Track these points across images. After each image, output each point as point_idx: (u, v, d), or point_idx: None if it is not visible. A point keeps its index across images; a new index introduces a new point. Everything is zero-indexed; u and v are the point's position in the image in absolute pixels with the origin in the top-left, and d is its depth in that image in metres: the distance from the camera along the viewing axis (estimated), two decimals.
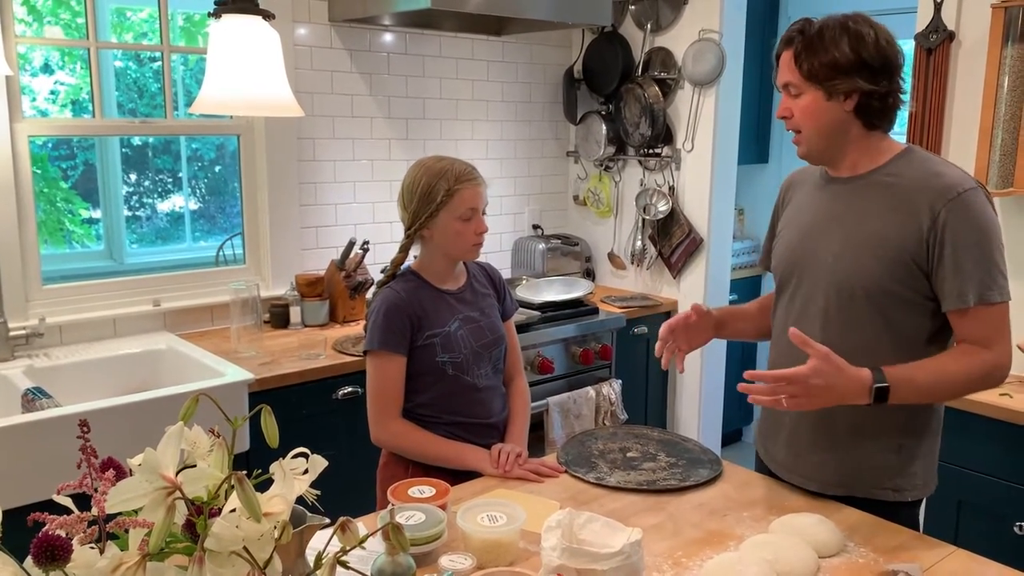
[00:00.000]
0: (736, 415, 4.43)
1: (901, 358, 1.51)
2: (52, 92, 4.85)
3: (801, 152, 1.64)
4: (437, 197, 1.85)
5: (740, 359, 4.32)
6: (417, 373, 1.90)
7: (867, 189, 1.60)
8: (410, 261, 1.99)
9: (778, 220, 1.85)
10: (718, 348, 3.64)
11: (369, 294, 3.12)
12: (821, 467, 1.67)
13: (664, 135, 3.53)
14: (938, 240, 1.50)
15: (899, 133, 1.71)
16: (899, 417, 1.61)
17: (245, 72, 2.38)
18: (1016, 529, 2.21)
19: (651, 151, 3.58)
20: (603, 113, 3.70)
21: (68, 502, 0.92)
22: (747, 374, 1.46)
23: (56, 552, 0.82)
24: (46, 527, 0.85)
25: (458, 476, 1.81)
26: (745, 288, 4.34)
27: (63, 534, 0.84)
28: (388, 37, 3.26)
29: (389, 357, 1.87)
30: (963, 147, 2.63)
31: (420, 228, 1.89)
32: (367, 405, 1.90)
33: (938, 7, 2.65)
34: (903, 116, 2.27)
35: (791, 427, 1.71)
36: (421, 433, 1.89)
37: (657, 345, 1.79)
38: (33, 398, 2.12)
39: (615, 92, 3.62)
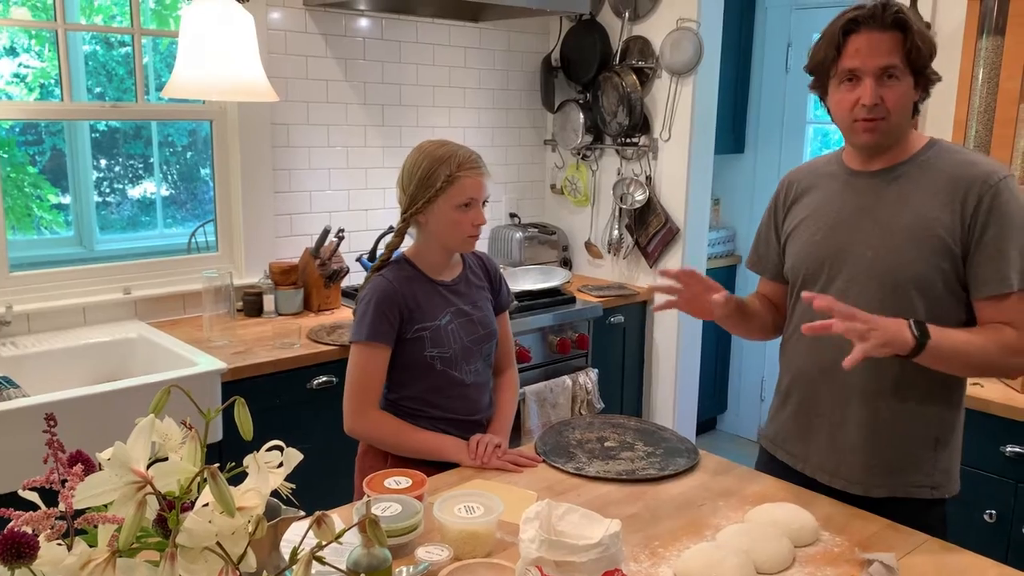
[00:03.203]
0: (711, 404, 4.46)
1: None
2: (17, 76, 4.75)
3: (874, 139, 1.55)
4: (436, 183, 1.79)
5: (715, 350, 4.36)
6: (404, 366, 1.87)
7: (901, 180, 1.58)
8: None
9: (780, 220, 1.79)
10: (693, 338, 3.65)
11: (343, 282, 3.10)
12: (868, 468, 1.64)
13: (641, 124, 3.52)
14: (979, 226, 1.50)
15: None
16: (935, 409, 1.61)
17: (218, 56, 2.34)
18: (986, 517, 2.24)
19: (628, 140, 3.57)
20: (581, 102, 3.68)
21: (34, 497, 0.90)
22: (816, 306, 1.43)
23: (22, 549, 0.79)
24: (12, 523, 0.83)
25: (435, 466, 1.79)
26: (720, 277, 4.32)
27: (30, 530, 0.82)
28: (363, 22, 3.22)
29: (375, 348, 1.82)
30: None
31: (416, 213, 1.83)
32: (344, 394, 1.86)
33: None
34: None
35: (833, 429, 1.67)
36: (399, 424, 1.87)
37: (669, 272, 1.71)
38: (0, 388, 2.08)
39: (593, 80, 3.61)
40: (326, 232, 2.99)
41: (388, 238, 3.19)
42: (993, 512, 2.24)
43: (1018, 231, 1.49)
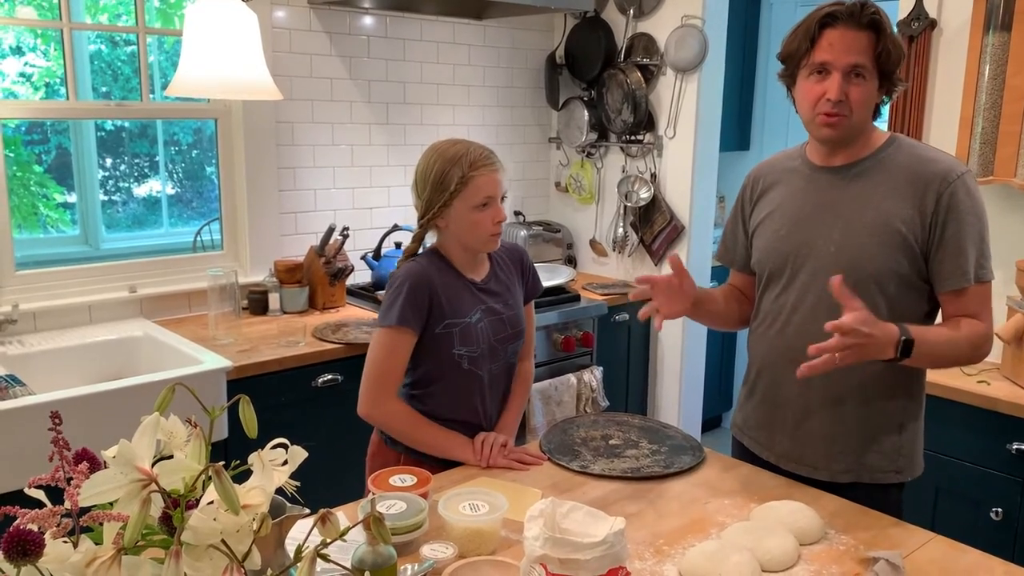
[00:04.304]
0: (716, 402, 4.45)
1: None
2: (23, 75, 4.76)
3: (835, 135, 1.59)
4: (451, 185, 1.75)
5: (720, 348, 4.35)
6: (430, 362, 1.82)
7: (863, 176, 1.62)
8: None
9: (747, 214, 1.83)
10: (699, 335, 3.64)
11: (348, 280, 3.10)
12: (831, 456, 1.68)
13: (646, 122, 3.52)
14: (940, 222, 1.55)
15: (880, 120, 1.71)
16: (899, 395, 1.65)
17: (222, 54, 2.34)
18: (993, 515, 2.23)
19: (633, 138, 3.57)
20: (585, 99, 3.68)
21: (40, 495, 0.90)
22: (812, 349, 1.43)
23: (28, 547, 0.80)
24: (17, 521, 0.83)
25: (441, 464, 1.79)
26: (725, 275, 4.31)
27: (35, 528, 0.82)
28: (368, 20, 3.22)
29: (403, 333, 1.77)
30: (944, 135, 2.64)
31: (434, 217, 1.79)
32: (363, 377, 1.80)
33: None
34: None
35: (797, 417, 1.70)
36: (415, 417, 1.83)
37: (635, 292, 1.67)
38: (6, 386, 2.08)
39: (597, 78, 3.60)
40: (331, 230, 2.99)
41: (400, 239, 3.20)
42: (1000, 510, 2.23)
43: (973, 227, 1.56)
